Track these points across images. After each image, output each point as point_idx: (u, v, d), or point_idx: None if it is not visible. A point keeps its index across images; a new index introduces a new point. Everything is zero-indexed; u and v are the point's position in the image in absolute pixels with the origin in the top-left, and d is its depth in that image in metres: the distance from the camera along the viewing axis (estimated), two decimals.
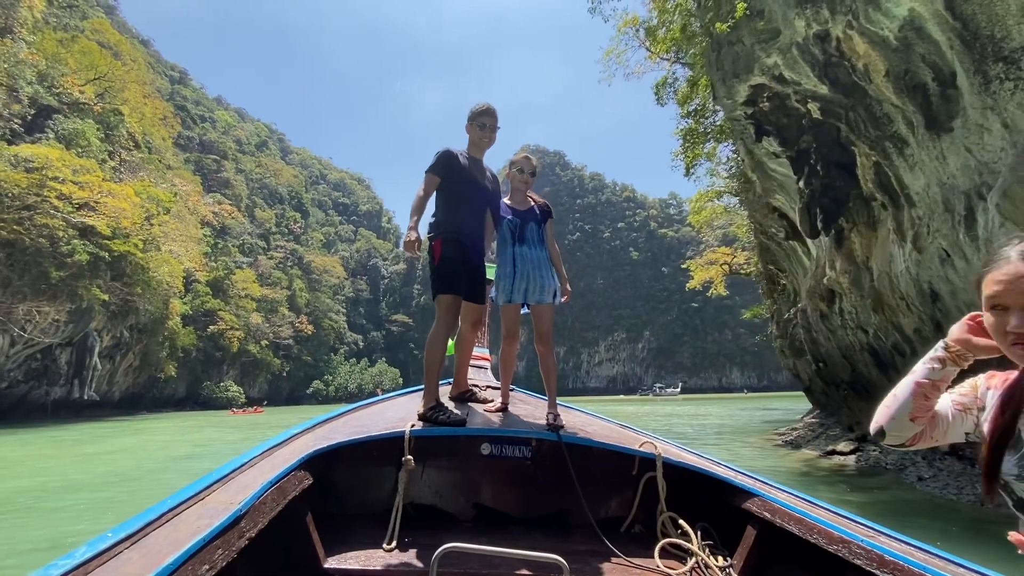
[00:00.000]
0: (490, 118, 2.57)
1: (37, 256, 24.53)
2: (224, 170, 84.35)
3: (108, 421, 30.01)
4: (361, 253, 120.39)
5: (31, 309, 24.44)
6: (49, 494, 7.32)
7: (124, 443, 14.97)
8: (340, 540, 1.70)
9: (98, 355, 36.17)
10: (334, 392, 78.30)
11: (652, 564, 1.72)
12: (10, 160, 22.24)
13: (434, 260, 2.42)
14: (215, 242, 67.49)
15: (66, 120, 28.40)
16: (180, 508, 1.10)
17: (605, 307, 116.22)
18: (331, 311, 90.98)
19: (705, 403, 41.57)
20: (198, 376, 57.57)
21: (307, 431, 1.96)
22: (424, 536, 1.76)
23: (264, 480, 1.33)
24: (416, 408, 2.19)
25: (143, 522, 0.97)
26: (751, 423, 18.75)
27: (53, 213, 23.55)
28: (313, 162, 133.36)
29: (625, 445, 2.07)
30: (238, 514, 1.12)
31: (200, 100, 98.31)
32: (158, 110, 48.14)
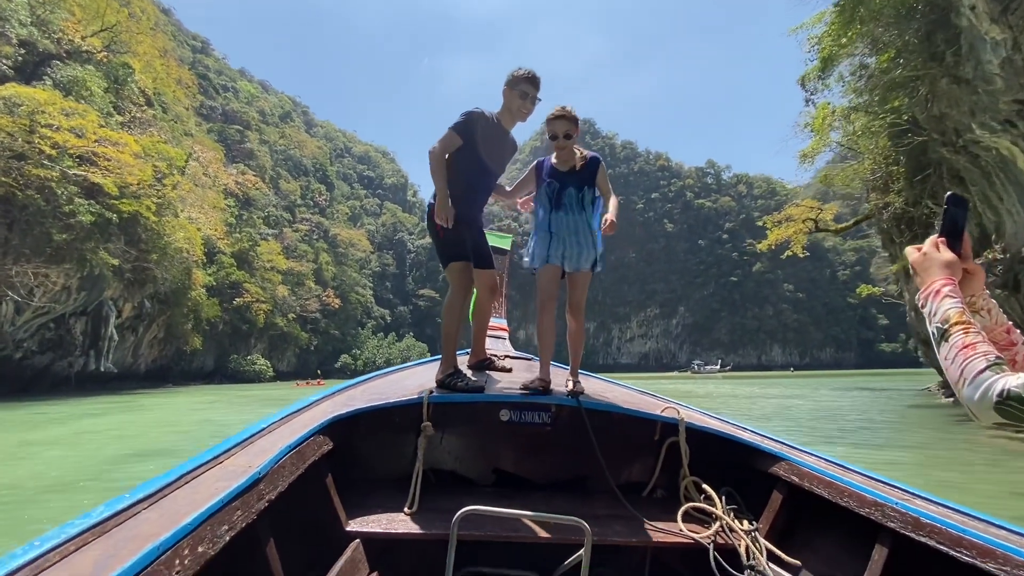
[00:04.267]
0: (533, 87, 2.32)
1: (38, 216, 22.41)
2: (247, 141, 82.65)
3: (128, 395, 28.47)
4: (387, 227, 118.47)
5: (35, 273, 22.42)
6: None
7: (156, 416, 12.83)
8: (361, 504, 1.67)
9: (118, 326, 34.70)
10: (362, 366, 77.49)
11: (675, 528, 1.68)
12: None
13: (437, 230, 2.28)
14: (239, 213, 66.01)
15: (65, 67, 25.98)
16: (199, 471, 1.08)
17: (637, 281, 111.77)
18: (358, 285, 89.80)
19: (755, 382, 37.69)
20: (225, 349, 56.64)
21: (326, 398, 1.91)
22: (445, 500, 1.73)
23: (283, 444, 1.31)
24: (435, 376, 2.17)
25: (161, 483, 0.96)
26: (895, 408, 14.65)
27: (48, 165, 21.26)
28: (337, 135, 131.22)
29: (646, 410, 2.00)
30: (257, 476, 1.10)
31: (222, 70, 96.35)
32: (172, 71, 45.78)
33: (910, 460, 6.67)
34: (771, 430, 2.00)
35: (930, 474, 5.84)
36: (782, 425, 9.95)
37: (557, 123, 2.26)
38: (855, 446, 7.48)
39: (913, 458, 6.80)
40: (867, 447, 7.44)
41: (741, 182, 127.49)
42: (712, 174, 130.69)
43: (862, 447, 7.41)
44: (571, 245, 2.26)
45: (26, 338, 26.92)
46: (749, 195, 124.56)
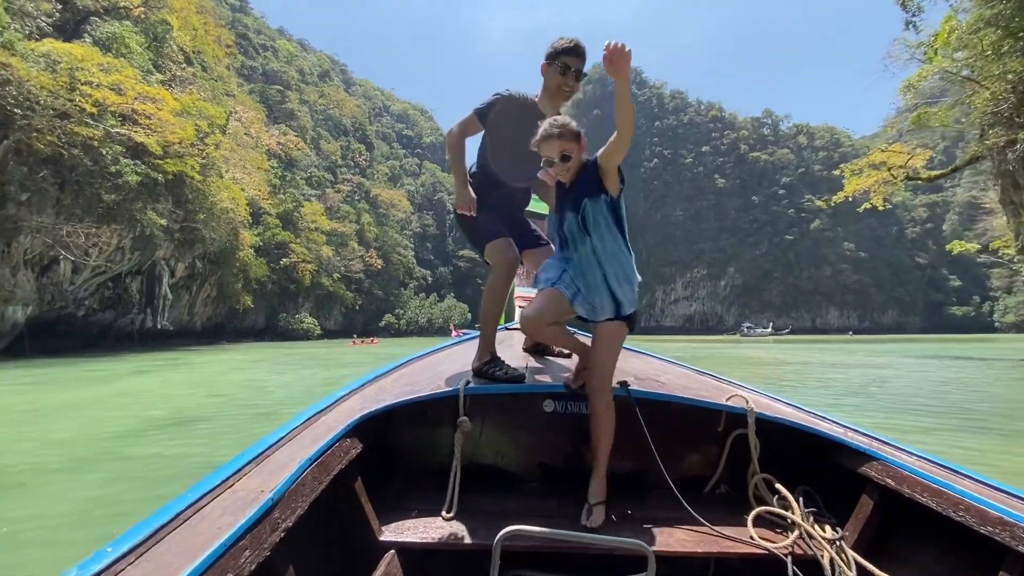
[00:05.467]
0: (576, 59, 2.02)
1: (87, 176, 22.65)
2: (288, 101, 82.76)
3: (183, 351, 29.56)
4: (426, 187, 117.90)
5: (87, 233, 22.90)
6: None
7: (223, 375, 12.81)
8: (396, 507, 1.58)
9: (172, 285, 35.88)
10: (405, 326, 79.29)
11: (745, 534, 1.49)
12: (34, 60, 19.72)
13: (463, 217, 2.14)
14: (283, 174, 66.76)
15: (103, 23, 25.68)
16: (202, 502, 0.95)
17: (684, 241, 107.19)
18: (399, 246, 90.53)
19: (812, 347, 35.09)
20: (275, 308, 58.54)
21: (354, 392, 1.82)
22: (486, 500, 1.65)
23: (303, 457, 1.20)
24: (471, 362, 2.03)
25: (154, 526, 0.83)
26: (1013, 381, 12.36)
27: (92, 124, 21.22)
28: (376, 93, 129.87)
29: (708, 399, 1.78)
30: (269, 504, 0.98)
31: (261, 29, 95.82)
32: (211, 29, 45.29)
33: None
34: (860, 413, 1.25)
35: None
36: (877, 406, 8.46)
37: (551, 144, 1.68)
38: (1008, 439, 5.90)
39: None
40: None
41: (801, 133, 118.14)
42: (769, 124, 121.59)
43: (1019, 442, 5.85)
44: (584, 293, 1.70)
45: (87, 296, 28.02)
46: (809, 147, 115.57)
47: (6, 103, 18.92)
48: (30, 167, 20.56)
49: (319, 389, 10.69)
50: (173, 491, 3.30)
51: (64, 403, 8.70)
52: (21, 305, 22.27)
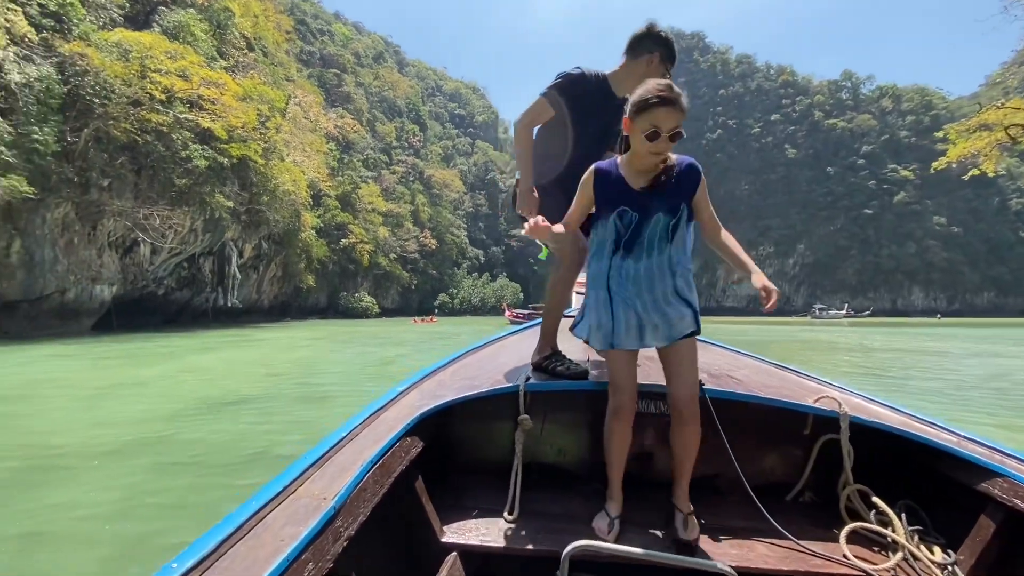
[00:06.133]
0: (671, 60, 1.93)
1: (160, 162, 23.83)
2: (344, 84, 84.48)
3: (251, 327, 31.12)
4: (479, 167, 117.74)
5: (161, 216, 24.21)
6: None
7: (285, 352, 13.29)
8: (455, 506, 1.55)
9: (240, 265, 37.75)
10: (459, 305, 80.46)
11: (837, 552, 1.36)
12: (107, 49, 20.69)
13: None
14: (341, 156, 68.54)
15: (170, 12, 26.67)
16: (265, 511, 0.94)
17: (749, 217, 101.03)
18: (452, 226, 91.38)
19: (899, 331, 31.90)
20: (336, 287, 60.84)
21: (413, 387, 1.76)
22: (548, 501, 1.61)
23: (364, 459, 1.19)
24: (531, 355, 1.97)
25: (218, 539, 0.83)
26: None
27: (162, 110, 22.17)
28: (428, 73, 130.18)
29: (793, 399, 1.62)
30: (332, 512, 0.98)
31: (318, 14, 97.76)
32: (271, 15, 46.38)
33: None
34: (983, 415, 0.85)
35: None
36: (1010, 406, 7.10)
37: (666, 113, 1.39)
38: None
39: None
40: None
41: (886, 95, 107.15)
42: (848, 88, 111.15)
43: None
44: (650, 310, 1.47)
45: (165, 276, 29.93)
46: (895, 111, 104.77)
47: (85, 93, 20.04)
48: (109, 154, 21.81)
49: (373, 370, 10.59)
50: (213, 483, 3.42)
51: (131, 380, 8.97)
52: (107, 284, 24.00)
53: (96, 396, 7.42)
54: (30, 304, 20.36)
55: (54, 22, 19.42)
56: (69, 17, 19.95)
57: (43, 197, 19.01)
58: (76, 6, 20.27)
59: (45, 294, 20.67)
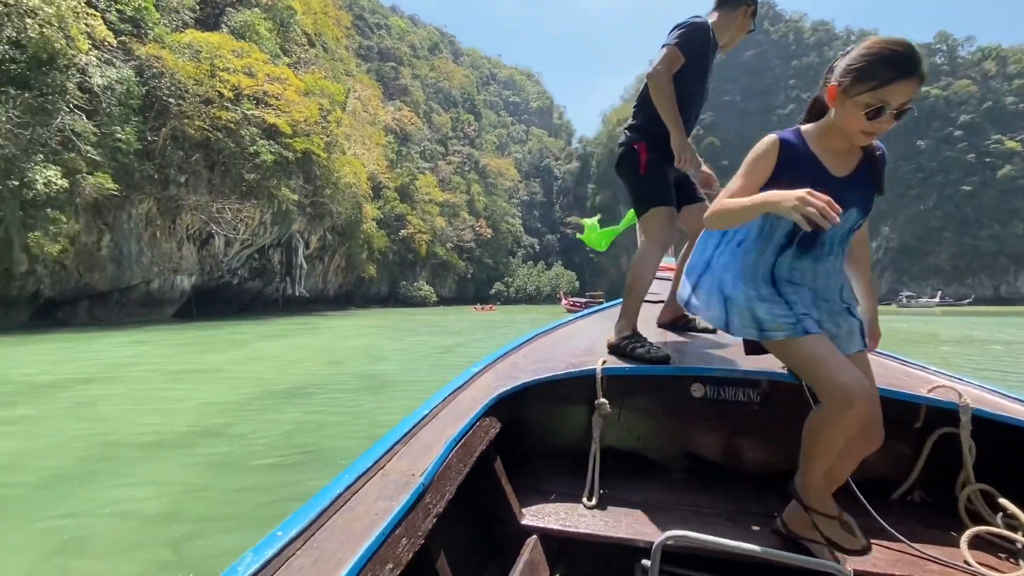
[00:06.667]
0: (756, 6, 2.09)
1: (231, 157, 24.92)
2: (401, 77, 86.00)
3: (317, 315, 32.38)
4: (533, 154, 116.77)
5: (232, 209, 25.40)
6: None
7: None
8: (533, 488, 1.54)
9: (307, 256, 39.30)
10: (514, 293, 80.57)
11: (958, 558, 1.24)
12: (180, 51, 21.73)
13: (639, 168, 2.03)
14: (399, 148, 69.89)
15: (237, 13, 27.74)
16: (358, 484, 0.98)
17: None
18: (507, 215, 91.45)
19: (1014, 322, 28.20)
20: (396, 276, 62.47)
21: (488, 368, 1.77)
22: (627, 488, 1.57)
23: (447, 437, 1.20)
24: (607, 336, 1.94)
25: (317, 509, 0.86)
26: None
27: (231, 108, 23.10)
28: (483, 62, 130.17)
29: (903, 389, 1.49)
30: (421, 488, 0.99)
31: (375, 9, 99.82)
32: (330, 11, 47.57)
33: None
34: None
35: None
36: None
37: (904, 86, 1.08)
38: None
39: None
40: None
41: (989, 58, 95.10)
42: (943, 51, 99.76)
43: None
44: (826, 321, 1.27)
45: (239, 267, 31.58)
46: (1000, 74, 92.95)
47: (162, 94, 21.18)
48: (185, 151, 23.04)
49: (431, 359, 10.41)
50: (267, 482, 3.39)
51: (202, 366, 9.17)
52: (187, 274, 25.56)
53: (167, 381, 7.57)
54: (120, 293, 21.99)
55: (131, 27, 20.60)
56: (145, 21, 21.10)
57: (128, 194, 20.33)
58: (151, 10, 21.39)
59: (132, 284, 22.23)
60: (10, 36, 14.70)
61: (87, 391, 6.76)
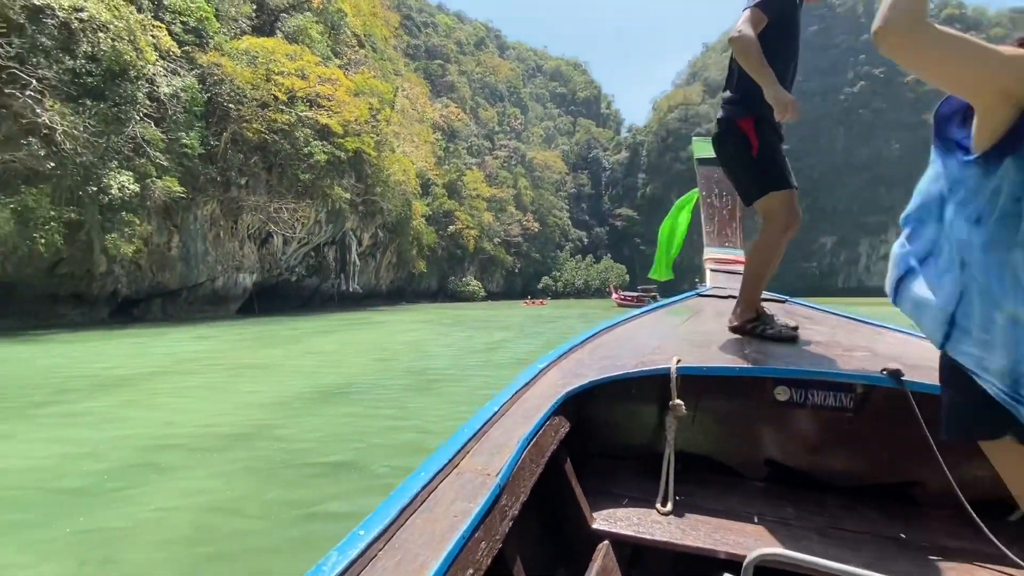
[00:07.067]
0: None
1: (287, 159, 25.79)
2: (448, 74, 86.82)
3: (370, 311, 33.24)
4: (580, 145, 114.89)
5: (288, 209, 26.32)
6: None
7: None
8: (601, 491, 1.49)
9: (360, 253, 40.39)
10: (562, 287, 79.84)
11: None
12: (237, 57, 22.63)
13: (750, 149, 1.89)
14: (446, 145, 70.59)
15: (290, 18, 28.64)
16: (434, 483, 0.96)
17: (899, 181, 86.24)
18: (554, 208, 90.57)
19: None
20: (445, 272, 63.34)
21: (553, 364, 1.70)
22: (703, 495, 1.49)
23: (520, 435, 1.17)
24: (678, 330, 1.96)
25: (396, 509, 0.85)
26: None
27: (286, 110, 23.88)
28: (529, 54, 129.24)
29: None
30: (498, 489, 0.98)
31: (423, 7, 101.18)
32: (379, 12, 48.40)
33: None
34: None
35: None
36: None
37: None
38: None
39: None
40: None
41: None
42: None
43: None
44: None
45: (296, 264, 32.83)
46: None
47: (223, 100, 22.15)
48: (244, 154, 24.05)
49: (479, 355, 10.20)
50: (301, 488, 3.27)
51: (256, 361, 9.36)
52: (248, 272, 26.78)
53: (222, 378, 7.72)
54: (188, 291, 23.31)
55: (194, 37, 21.64)
56: (206, 30, 22.11)
57: (193, 196, 21.44)
58: (211, 20, 22.38)
59: (199, 282, 23.51)
60: (86, 51, 15.74)
61: (147, 386, 6.96)
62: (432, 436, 4.43)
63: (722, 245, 3.58)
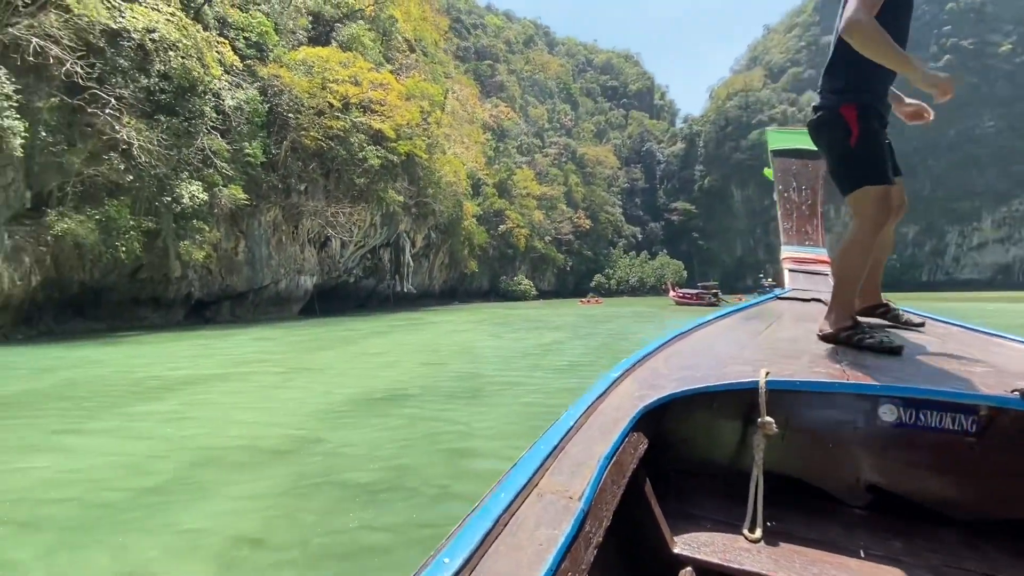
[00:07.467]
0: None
1: (344, 164, 26.58)
2: (498, 73, 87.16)
3: (423, 311, 33.78)
4: (633, 139, 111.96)
5: (344, 213, 27.12)
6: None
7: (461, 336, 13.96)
8: (680, 512, 1.40)
9: (413, 255, 41.20)
10: (615, 285, 78.19)
11: None
12: (295, 67, 23.50)
13: (849, 138, 1.78)
14: (496, 145, 70.84)
15: (344, 28, 29.50)
16: (515, 505, 0.91)
17: (995, 162, 77.81)
18: (607, 204, 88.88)
19: None
20: (496, 271, 63.64)
21: (627, 374, 1.59)
22: (797, 522, 1.36)
23: (599, 453, 1.11)
24: (760, 337, 1.85)
25: (480, 534, 0.80)
26: None
27: (341, 117, 24.58)
28: (579, 49, 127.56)
29: None
30: (582, 516, 0.92)
31: (472, 9, 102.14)
32: (428, 16, 49.12)
33: None
34: None
35: None
36: None
37: None
38: None
39: None
40: None
41: None
42: None
43: None
44: None
45: (354, 266, 33.88)
46: None
47: (282, 110, 23.10)
48: (303, 161, 25.00)
49: (530, 358, 9.86)
50: (340, 526, 2.87)
51: (309, 365, 9.48)
52: (309, 275, 27.85)
53: (275, 381, 7.82)
54: (254, 293, 24.52)
55: (256, 51, 22.68)
56: (266, 44, 23.12)
57: (257, 203, 22.48)
58: (271, 34, 23.38)
59: (264, 285, 24.67)
60: (159, 69, 16.80)
61: (203, 390, 7.13)
62: (477, 454, 4.12)
63: (802, 243, 3.32)
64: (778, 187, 3.69)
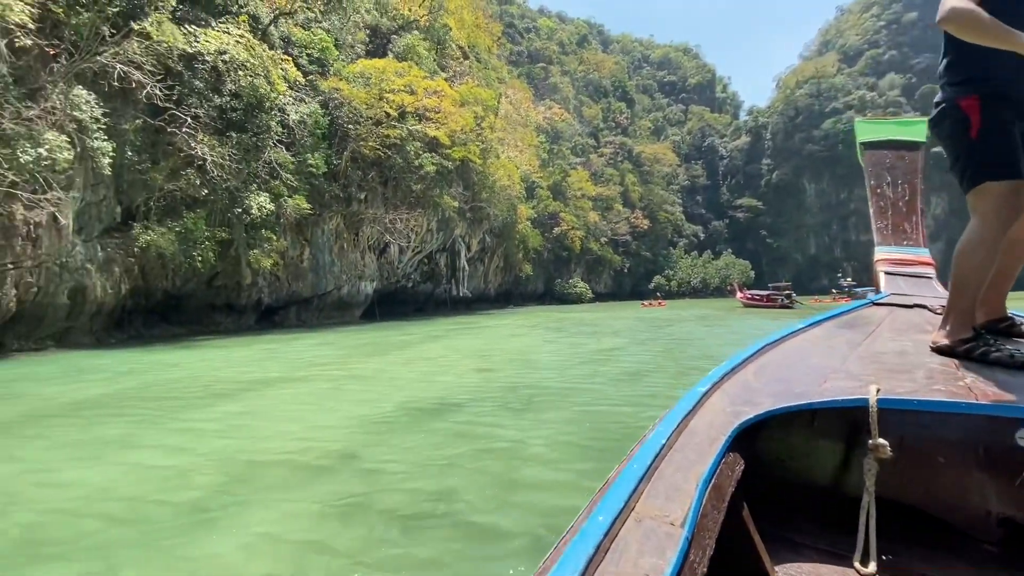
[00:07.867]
0: None
1: (401, 172, 27.19)
2: (551, 75, 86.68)
3: (479, 314, 33.93)
4: (693, 134, 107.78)
5: (401, 219, 27.72)
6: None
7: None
8: (779, 538, 1.32)
9: (469, 259, 41.59)
10: (676, 287, 75.37)
11: None
12: (353, 79, 24.28)
13: (969, 131, 1.65)
14: (550, 147, 70.38)
15: (400, 39, 30.25)
16: (615, 529, 0.87)
17: None
18: (665, 203, 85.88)
19: None
20: (551, 274, 63.08)
21: (716, 387, 1.50)
22: (914, 556, 1.27)
23: (698, 475, 1.05)
24: (860, 348, 1.72)
25: (582, 562, 0.76)
26: None
27: (397, 126, 25.13)
28: (634, 46, 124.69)
29: None
30: (686, 543, 0.88)
31: (524, 14, 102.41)
32: (481, 22, 49.60)
33: None
34: None
35: None
36: None
37: None
38: None
39: None
40: None
41: None
42: None
43: None
44: None
45: (412, 272, 34.61)
46: None
47: (343, 122, 23.95)
48: (363, 170, 25.80)
49: (587, 366, 9.38)
50: (380, 559, 2.62)
51: (364, 371, 9.50)
52: (369, 280, 28.69)
53: (330, 387, 7.85)
54: (318, 299, 25.54)
55: (317, 66, 23.68)
56: (326, 59, 24.08)
57: (320, 212, 23.41)
58: (331, 49, 24.33)
59: (327, 291, 25.63)
60: (230, 88, 17.84)
61: (265, 394, 7.24)
62: (529, 484, 3.75)
63: (899, 243, 3.10)
64: (870, 182, 3.41)
